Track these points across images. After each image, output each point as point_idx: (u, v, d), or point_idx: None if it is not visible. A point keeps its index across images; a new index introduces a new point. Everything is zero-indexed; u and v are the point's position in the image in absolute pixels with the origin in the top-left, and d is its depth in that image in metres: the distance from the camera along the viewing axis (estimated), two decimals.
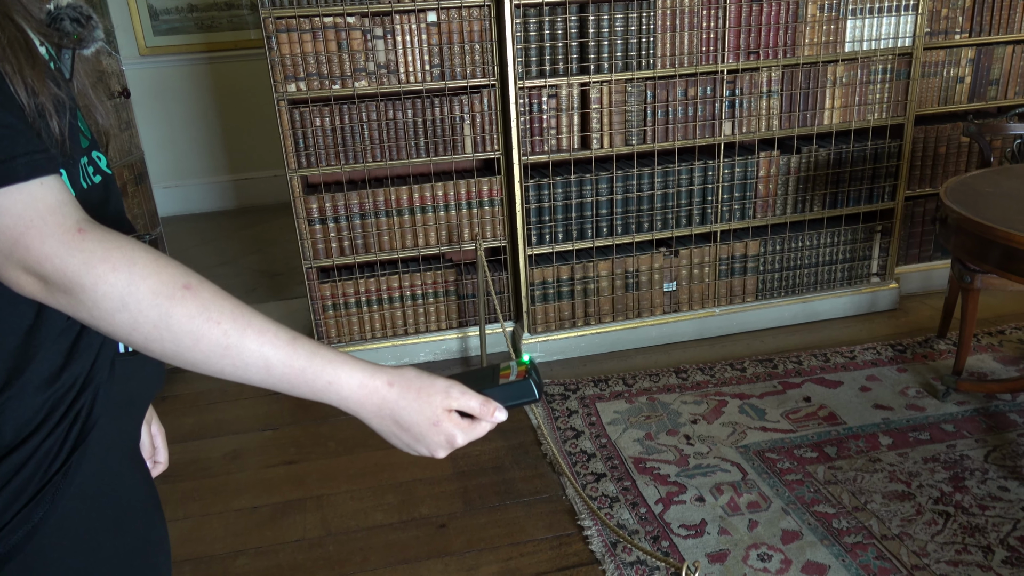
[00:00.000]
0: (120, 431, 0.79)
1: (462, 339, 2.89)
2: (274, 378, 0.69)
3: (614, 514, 2.01)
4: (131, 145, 3.11)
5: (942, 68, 3.01)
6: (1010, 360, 2.67)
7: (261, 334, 0.68)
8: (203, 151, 5.09)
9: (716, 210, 2.85)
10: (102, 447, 0.75)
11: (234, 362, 0.67)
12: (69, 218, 0.64)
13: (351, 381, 0.71)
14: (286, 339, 0.69)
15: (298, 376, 0.69)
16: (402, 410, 0.73)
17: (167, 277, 0.65)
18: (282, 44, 2.44)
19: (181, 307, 0.65)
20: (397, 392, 0.72)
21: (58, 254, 0.62)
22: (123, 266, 0.63)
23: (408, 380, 0.73)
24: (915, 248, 3.25)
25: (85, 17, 0.75)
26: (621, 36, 2.57)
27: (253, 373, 0.68)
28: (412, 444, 0.75)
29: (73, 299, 0.63)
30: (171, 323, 0.65)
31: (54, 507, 0.71)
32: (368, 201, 2.65)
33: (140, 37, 4.77)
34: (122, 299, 0.63)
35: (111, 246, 0.64)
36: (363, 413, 0.73)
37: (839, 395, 2.50)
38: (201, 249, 4.45)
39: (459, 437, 0.75)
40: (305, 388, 0.70)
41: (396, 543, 1.98)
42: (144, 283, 0.64)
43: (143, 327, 0.64)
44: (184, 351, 0.66)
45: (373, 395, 0.72)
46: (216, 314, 0.66)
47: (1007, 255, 1.95)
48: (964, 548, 1.82)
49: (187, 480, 2.29)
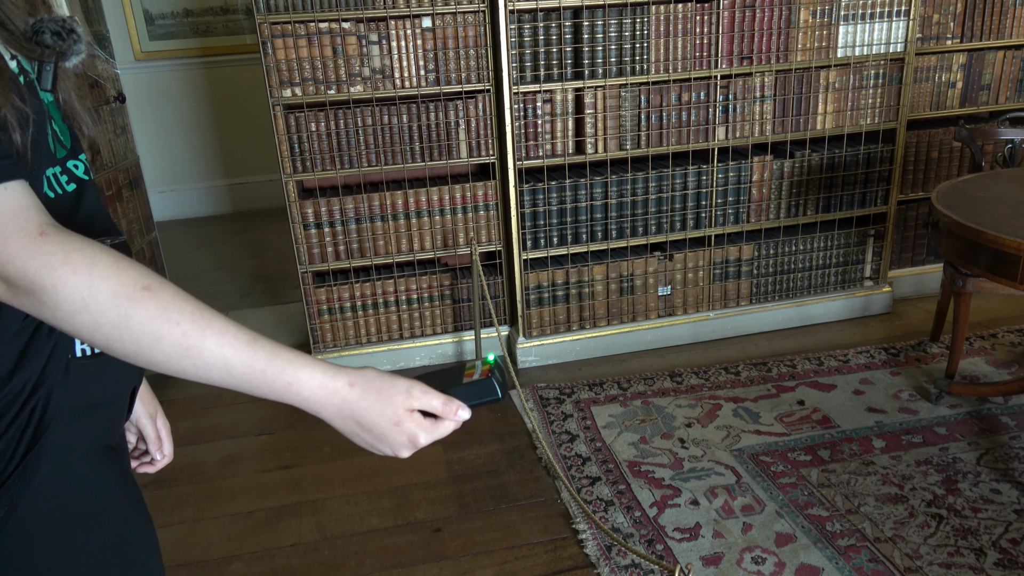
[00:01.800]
0: (82, 433, 0.79)
1: (457, 343, 2.89)
2: (235, 379, 0.70)
3: (609, 517, 2.01)
4: (126, 149, 3.11)
5: (934, 73, 3.03)
6: (1002, 363, 2.69)
7: (221, 335, 0.69)
8: (198, 156, 5.09)
9: (710, 214, 2.86)
10: (62, 449, 0.76)
11: (195, 363, 0.68)
12: (31, 222, 0.65)
13: (311, 382, 0.72)
14: (246, 340, 0.70)
15: (258, 377, 0.70)
16: (363, 411, 0.73)
17: (127, 279, 0.66)
18: (277, 49, 2.45)
19: (141, 308, 0.66)
20: (358, 393, 0.73)
21: (19, 256, 0.63)
22: (83, 268, 0.64)
23: (369, 381, 0.74)
24: (908, 252, 3.27)
25: (67, 30, 0.75)
26: (615, 42, 2.58)
27: (214, 374, 0.69)
28: (375, 444, 0.76)
29: (36, 301, 0.65)
30: (131, 324, 0.66)
31: (13, 509, 0.72)
32: (363, 205, 2.66)
33: (135, 42, 4.78)
34: (83, 300, 0.64)
35: (72, 248, 0.65)
36: (325, 414, 0.74)
37: (832, 398, 2.51)
38: (196, 254, 4.45)
39: (421, 437, 0.75)
40: (266, 389, 0.71)
41: (391, 547, 1.98)
42: (104, 284, 0.65)
43: (104, 328, 0.66)
44: (145, 351, 0.67)
45: (334, 396, 0.73)
46: (176, 315, 0.67)
47: (997, 259, 1.96)
48: (957, 550, 1.83)
49: (182, 485, 2.28)
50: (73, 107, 0.83)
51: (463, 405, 0.76)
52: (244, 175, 5.20)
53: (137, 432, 1.03)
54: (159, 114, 4.92)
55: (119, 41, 4.59)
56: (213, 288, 3.89)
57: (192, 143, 5.05)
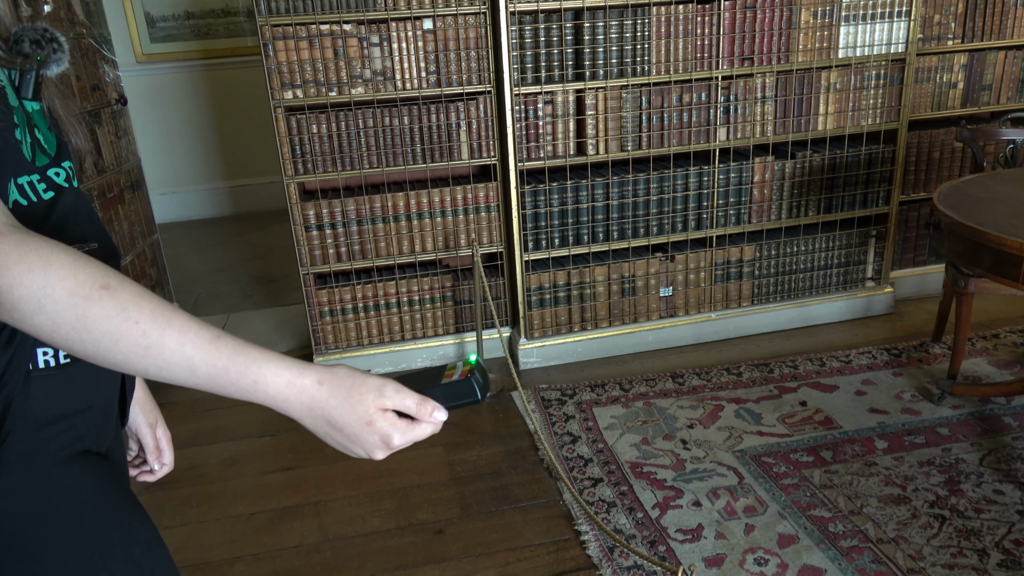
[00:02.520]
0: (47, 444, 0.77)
1: (459, 345, 2.89)
2: (199, 378, 0.68)
3: (611, 519, 2.01)
4: (128, 152, 3.12)
5: (935, 74, 3.03)
6: (1004, 363, 2.69)
7: (182, 333, 0.67)
8: (200, 158, 5.10)
9: (712, 215, 2.86)
10: (22, 459, 0.74)
11: (156, 362, 0.67)
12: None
13: (278, 380, 0.70)
14: (208, 337, 0.68)
15: (222, 375, 0.68)
16: (333, 409, 0.71)
17: (84, 277, 0.64)
18: (279, 51, 2.45)
19: (98, 307, 0.64)
20: (327, 391, 0.71)
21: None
22: (39, 268, 0.63)
23: (339, 379, 0.71)
24: (910, 252, 3.27)
25: (47, 39, 0.74)
26: (616, 43, 2.58)
27: (177, 373, 0.68)
28: (347, 445, 0.73)
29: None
30: (88, 324, 0.64)
31: None
32: (365, 207, 2.66)
33: (137, 44, 4.78)
34: (39, 301, 0.63)
35: (28, 249, 0.63)
36: (293, 413, 0.72)
37: (835, 399, 2.51)
38: (198, 256, 4.45)
39: (396, 438, 0.72)
40: (231, 388, 0.69)
41: (393, 549, 1.98)
42: (60, 284, 0.63)
43: (62, 328, 0.64)
44: (104, 352, 0.66)
45: (302, 394, 0.70)
46: (135, 314, 0.65)
47: (999, 259, 1.96)
48: (960, 551, 1.83)
49: (184, 487, 2.28)
50: (58, 115, 0.81)
51: (439, 406, 0.73)
52: (245, 177, 5.20)
53: (137, 441, 1.02)
54: (160, 116, 4.93)
55: (120, 43, 4.59)
56: (215, 290, 3.89)
57: (193, 145, 5.06)
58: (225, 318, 3.51)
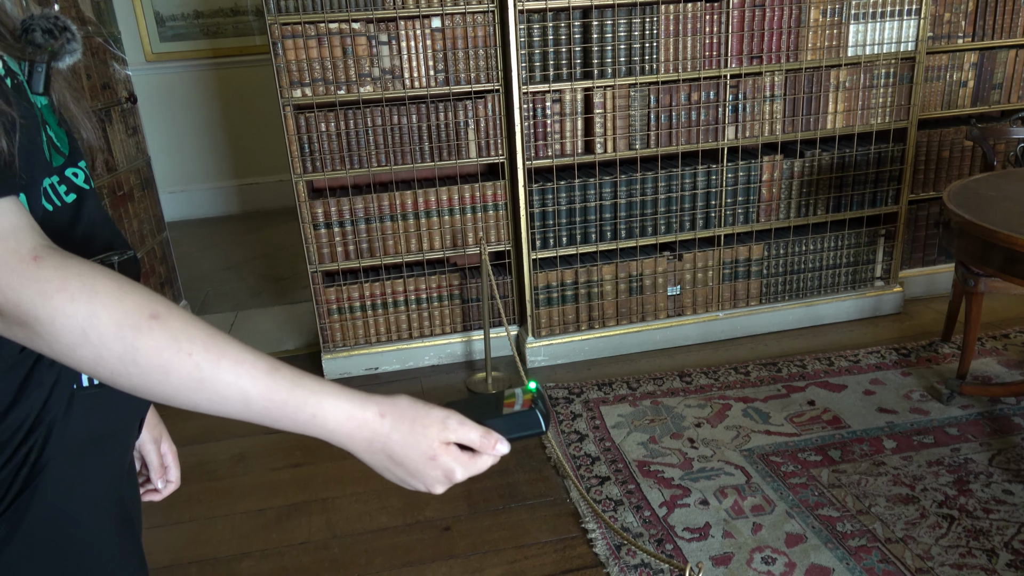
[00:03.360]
0: (83, 472, 0.73)
1: (466, 343, 2.90)
2: (253, 412, 0.64)
3: (618, 517, 2.01)
4: (137, 150, 3.13)
5: (945, 72, 3.01)
6: (1014, 363, 2.67)
7: (237, 364, 0.62)
8: (209, 156, 5.12)
9: (720, 214, 2.85)
10: (58, 492, 0.69)
11: (209, 396, 0.62)
12: (24, 244, 0.58)
13: (338, 413, 0.65)
14: (265, 369, 0.63)
15: (279, 409, 0.64)
16: (395, 443, 0.67)
17: (132, 306, 0.60)
18: (288, 50, 2.46)
19: (148, 339, 0.60)
20: (390, 424, 0.67)
21: (10, 285, 0.57)
22: (83, 296, 0.58)
23: (401, 410, 0.67)
24: (919, 252, 3.25)
25: (59, 28, 0.69)
26: (624, 41, 2.58)
27: (231, 406, 0.63)
28: (407, 479, 0.70)
29: (31, 333, 0.58)
30: (137, 356, 0.59)
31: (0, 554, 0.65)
32: (373, 205, 2.66)
33: (146, 43, 4.81)
34: (83, 332, 0.58)
35: (69, 274, 0.58)
36: (352, 447, 0.68)
37: (843, 399, 2.50)
38: (206, 254, 4.47)
39: (458, 472, 0.69)
40: (288, 422, 0.65)
41: (401, 546, 1.98)
42: (107, 313, 0.58)
43: (108, 361, 0.59)
44: (153, 385, 0.61)
45: (363, 428, 0.66)
46: (187, 344, 0.61)
47: (1010, 258, 1.95)
48: (968, 551, 1.82)
49: (193, 483, 2.30)
50: (69, 110, 0.76)
51: (502, 439, 0.70)
52: (254, 176, 5.22)
53: (140, 458, 0.97)
54: (170, 115, 4.95)
55: (130, 42, 4.62)
56: (223, 288, 3.91)
57: (202, 144, 5.08)
58: (233, 316, 3.52)
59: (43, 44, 0.68)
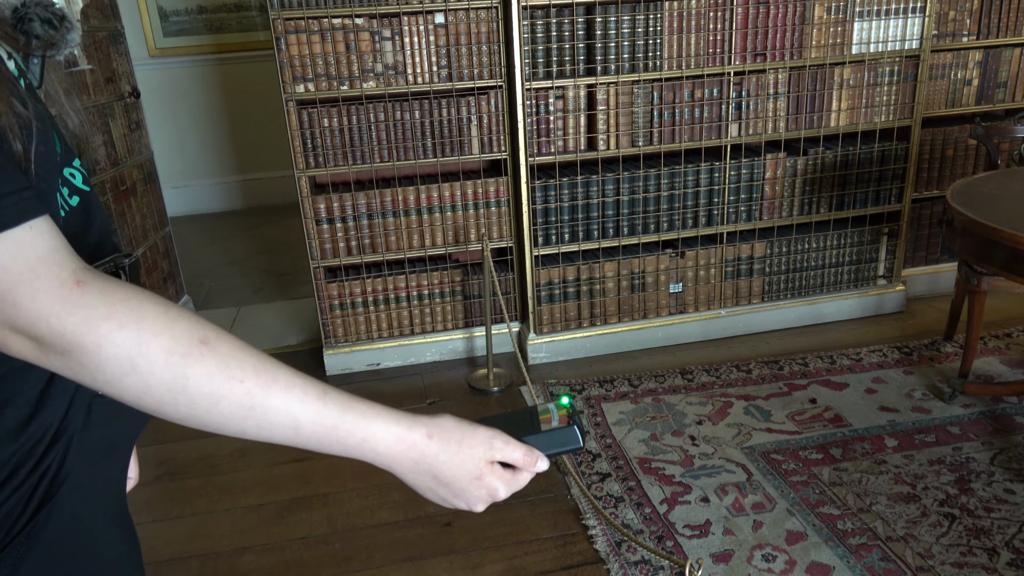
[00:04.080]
0: (97, 480, 0.71)
1: (468, 339, 2.90)
2: (302, 437, 0.62)
3: (619, 514, 2.01)
4: (140, 145, 3.14)
5: (949, 70, 3.00)
6: (1017, 363, 2.67)
7: (288, 391, 0.61)
8: (212, 151, 5.12)
9: (722, 212, 2.85)
10: (75, 502, 0.68)
11: (259, 423, 0.61)
12: (64, 268, 0.55)
13: (387, 436, 0.65)
14: (315, 394, 0.62)
15: (329, 434, 0.63)
16: (442, 464, 0.67)
17: (181, 332, 0.57)
18: (291, 45, 2.46)
19: (199, 366, 0.57)
20: (437, 445, 0.67)
21: (54, 312, 0.54)
22: (131, 323, 0.55)
23: (448, 431, 0.67)
24: (922, 250, 3.25)
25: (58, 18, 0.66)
26: (628, 38, 2.58)
27: (279, 432, 0.62)
28: (449, 499, 0.70)
29: (73, 362, 0.55)
30: (187, 385, 0.57)
31: (16, 571, 0.63)
32: (375, 201, 2.66)
33: (150, 38, 4.81)
34: (131, 361, 0.55)
35: (115, 299, 0.55)
36: (398, 468, 0.67)
37: (845, 397, 2.50)
38: (209, 249, 4.48)
39: (501, 491, 0.69)
40: (337, 446, 0.64)
41: (401, 541, 1.99)
42: (156, 341, 0.56)
43: (156, 391, 0.57)
44: (200, 413, 0.59)
45: (411, 449, 0.66)
46: (238, 372, 0.59)
47: (1013, 257, 1.94)
48: (969, 550, 1.82)
49: (195, 477, 2.30)
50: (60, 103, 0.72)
51: (542, 456, 0.71)
52: (257, 171, 5.22)
53: None
54: (173, 110, 4.95)
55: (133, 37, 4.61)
56: (225, 283, 3.91)
57: (205, 139, 5.08)
58: (235, 311, 3.53)
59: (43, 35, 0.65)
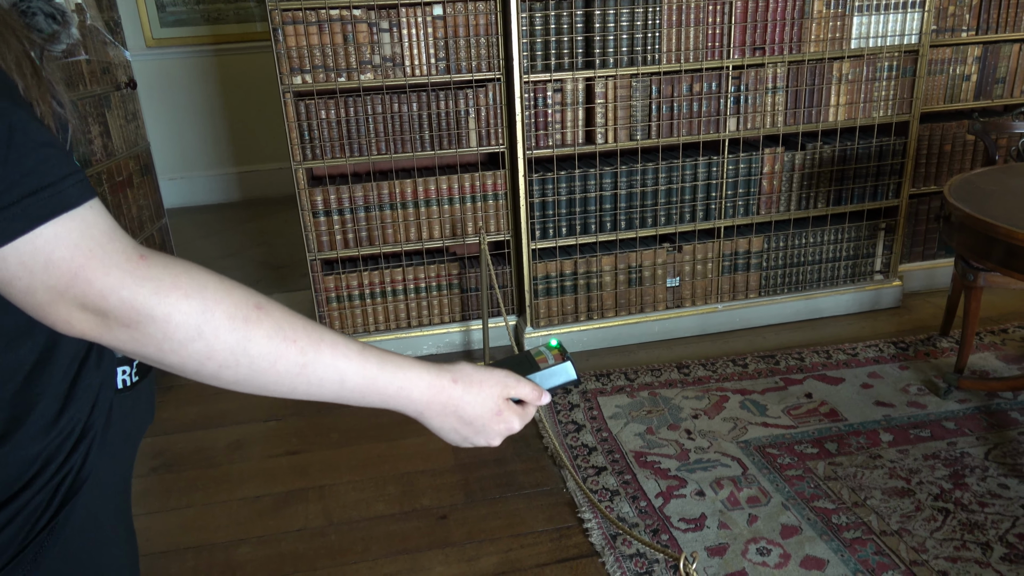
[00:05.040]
0: (114, 476, 0.74)
1: (465, 332, 2.90)
2: (347, 390, 0.67)
3: (614, 507, 2.02)
4: (137, 136, 3.12)
5: (948, 66, 3.00)
6: (1012, 358, 2.67)
7: (334, 347, 0.66)
8: (209, 143, 5.10)
9: (720, 206, 2.85)
10: (93, 498, 0.70)
11: (309, 379, 0.65)
12: (127, 243, 0.58)
13: (420, 383, 0.71)
14: (356, 349, 0.67)
15: (370, 385, 0.68)
16: (467, 404, 0.73)
17: (239, 299, 0.62)
18: (288, 36, 2.45)
19: (257, 328, 0.62)
20: (462, 388, 0.73)
21: (125, 285, 0.56)
22: (195, 292, 0.59)
23: (469, 375, 0.74)
24: (919, 246, 3.25)
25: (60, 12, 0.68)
26: (627, 31, 2.57)
27: (326, 388, 0.66)
28: (471, 437, 0.76)
29: (139, 333, 0.58)
30: (249, 347, 0.61)
31: (36, 566, 0.65)
32: (372, 194, 2.66)
33: (147, 29, 4.78)
34: (198, 327, 0.59)
35: (178, 271, 0.59)
36: (428, 413, 0.73)
37: (840, 392, 2.51)
38: (206, 241, 4.47)
39: (516, 423, 0.77)
40: (375, 397, 0.69)
41: (397, 533, 1.99)
42: (219, 308, 0.60)
43: (219, 354, 0.60)
44: (258, 375, 0.63)
45: (440, 394, 0.72)
46: (291, 332, 0.63)
47: (1010, 253, 1.95)
48: (963, 545, 1.82)
49: (190, 469, 2.30)
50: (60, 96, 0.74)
51: (544, 391, 0.80)
52: (254, 163, 5.21)
53: None
54: (170, 101, 4.93)
55: (130, 28, 4.59)
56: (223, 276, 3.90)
57: (202, 130, 5.06)
58: None
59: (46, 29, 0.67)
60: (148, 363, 0.62)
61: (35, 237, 0.54)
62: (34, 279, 0.55)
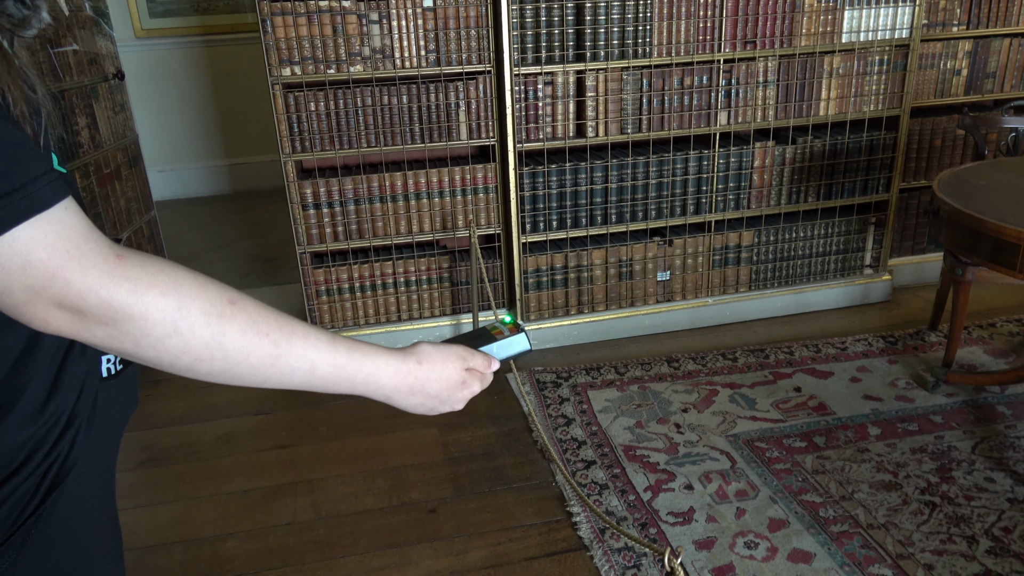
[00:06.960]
0: (99, 465, 0.74)
1: (455, 326, 2.89)
2: (317, 379, 0.71)
3: (603, 501, 2.02)
4: (125, 128, 3.10)
5: (939, 60, 3.00)
6: (1000, 352, 2.69)
7: (305, 339, 0.69)
8: (198, 135, 5.07)
9: (711, 200, 2.85)
10: (80, 486, 0.70)
11: (281, 370, 0.68)
12: (103, 243, 0.59)
13: (387, 369, 0.75)
14: (327, 340, 0.70)
15: (339, 373, 0.71)
16: (432, 382, 0.79)
17: (214, 294, 0.63)
18: (277, 28, 2.43)
19: (232, 323, 0.64)
20: (427, 368, 0.78)
21: (103, 284, 0.58)
22: (171, 289, 0.60)
23: (431, 355, 0.79)
24: (909, 240, 3.26)
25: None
26: (618, 24, 2.56)
27: (298, 377, 0.69)
28: (437, 407, 0.82)
29: (116, 330, 0.59)
30: (224, 341, 0.64)
31: (23, 554, 0.65)
32: (362, 187, 2.64)
33: (136, 19, 4.74)
34: (174, 324, 0.61)
35: (153, 270, 0.60)
36: (396, 396, 0.77)
37: (829, 386, 2.52)
38: (195, 234, 4.44)
39: (476, 387, 0.83)
40: (346, 384, 0.73)
41: (386, 527, 1.99)
42: (194, 304, 0.62)
43: (194, 349, 0.63)
44: (232, 367, 0.65)
45: (407, 377, 0.77)
46: (263, 325, 0.66)
47: (997, 247, 1.95)
48: (949, 538, 1.84)
49: (179, 463, 2.29)
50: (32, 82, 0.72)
51: (494, 359, 0.87)
52: (244, 155, 5.18)
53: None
54: (159, 92, 4.89)
55: (119, 18, 4.55)
56: (212, 268, 3.88)
57: (192, 122, 5.03)
58: None
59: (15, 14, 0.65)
60: (124, 357, 0.63)
61: (12, 240, 0.55)
62: (11, 280, 0.55)
